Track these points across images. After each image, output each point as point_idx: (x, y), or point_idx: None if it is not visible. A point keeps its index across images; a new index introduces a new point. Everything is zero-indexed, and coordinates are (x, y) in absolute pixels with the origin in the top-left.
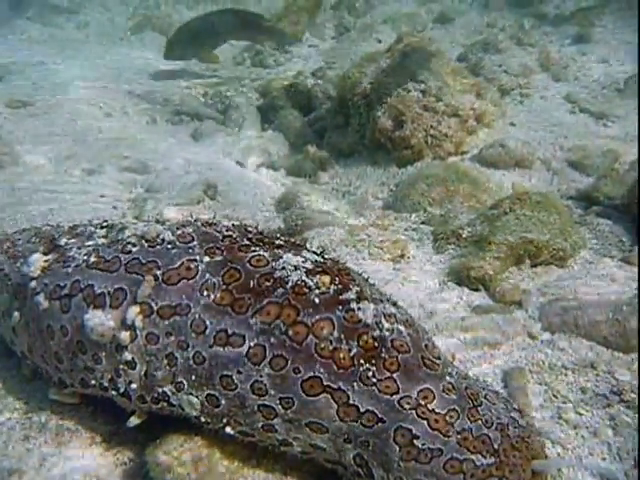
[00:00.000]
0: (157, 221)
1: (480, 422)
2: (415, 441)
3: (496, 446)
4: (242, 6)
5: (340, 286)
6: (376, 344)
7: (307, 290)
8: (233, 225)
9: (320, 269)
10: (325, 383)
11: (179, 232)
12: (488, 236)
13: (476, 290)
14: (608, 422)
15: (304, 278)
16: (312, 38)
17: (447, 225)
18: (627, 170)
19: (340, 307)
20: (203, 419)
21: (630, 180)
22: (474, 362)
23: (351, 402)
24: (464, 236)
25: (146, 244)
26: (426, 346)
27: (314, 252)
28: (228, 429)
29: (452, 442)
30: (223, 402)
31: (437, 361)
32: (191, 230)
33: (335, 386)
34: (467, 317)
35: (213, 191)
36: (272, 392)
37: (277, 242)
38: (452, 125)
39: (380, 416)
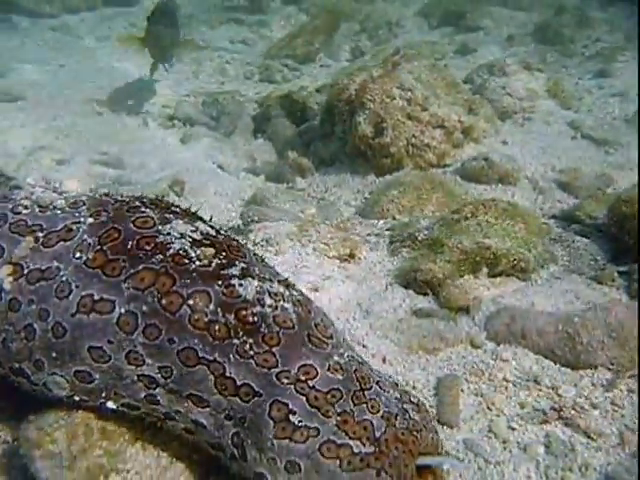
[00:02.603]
0: (54, 190)
1: (365, 406)
2: (291, 417)
3: (378, 434)
4: (267, 26)
5: (225, 261)
6: (255, 319)
7: (187, 260)
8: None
9: (208, 242)
10: (200, 355)
11: (72, 200)
12: (442, 239)
13: (424, 294)
14: (542, 439)
15: (187, 248)
16: (325, 59)
17: (406, 228)
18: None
19: (220, 282)
20: (77, 398)
21: (612, 198)
22: (406, 366)
23: (227, 374)
24: (420, 239)
25: (37, 209)
26: (316, 325)
27: (211, 225)
28: (110, 403)
29: (331, 423)
30: (97, 376)
31: (327, 340)
32: (85, 198)
33: (210, 358)
34: (405, 319)
35: (180, 188)
36: (150, 361)
37: (173, 208)
38: (436, 136)
39: (257, 390)
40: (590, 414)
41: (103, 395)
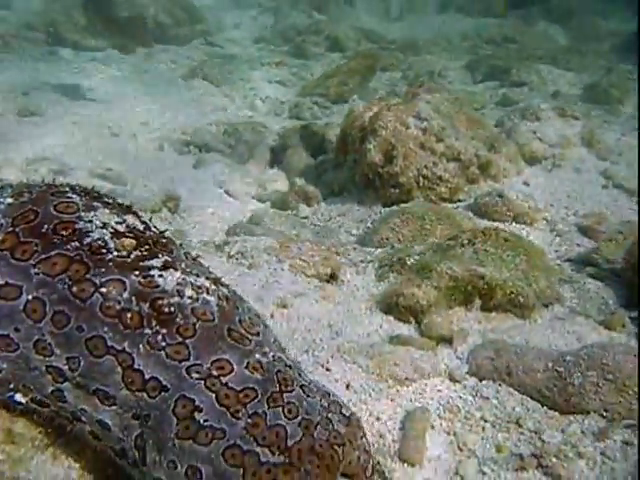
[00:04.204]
0: None
1: (280, 410)
2: (196, 414)
3: (290, 443)
4: (308, 70)
5: (146, 253)
6: (172, 309)
7: (105, 250)
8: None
9: (131, 235)
10: (109, 344)
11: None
12: (431, 264)
13: (405, 322)
14: None
15: (107, 238)
16: (359, 100)
17: (397, 254)
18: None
19: (137, 272)
20: None
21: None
22: (372, 395)
23: (136, 366)
24: (409, 264)
25: None
26: (240, 321)
27: (143, 221)
28: (18, 396)
29: (239, 425)
30: (4, 366)
31: (250, 337)
32: (17, 183)
33: (119, 347)
34: (378, 345)
35: (174, 204)
36: (58, 352)
37: (106, 199)
38: (450, 169)
39: (164, 384)
40: (575, 464)
41: (11, 386)
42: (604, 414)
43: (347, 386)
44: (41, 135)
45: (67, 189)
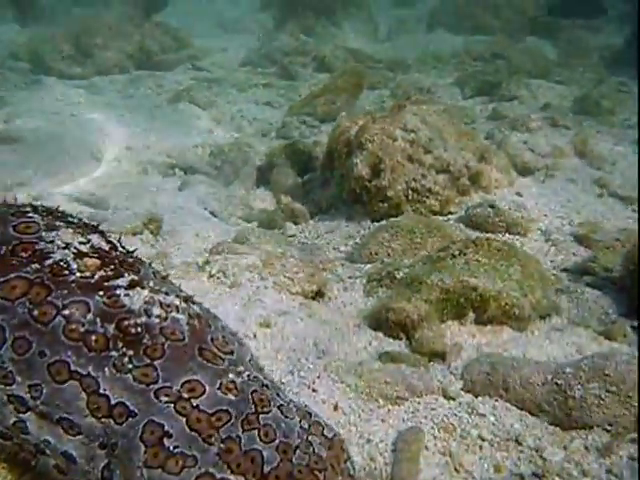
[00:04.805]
0: None
1: (256, 433)
2: (166, 440)
3: (267, 469)
4: (296, 91)
5: (111, 273)
6: (139, 329)
7: (67, 272)
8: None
9: (96, 255)
10: (73, 368)
11: None
12: (421, 276)
13: (395, 338)
14: None
15: (69, 259)
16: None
17: (386, 267)
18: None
19: (102, 292)
20: None
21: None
22: (361, 415)
23: (101, 391)
24: (398, 278)
25: None
26: (213, 339)
27: (109, 241)
28: None
29: (212, 452)
30: None
31: (223, 355)
32: None
33: (84, 372)
34: (366, 362)
35: (156, 226)
36: (19, 379)
37: (70, 219)
38: (439, 181)
39: (132, 409)
40: None
41: None
42: (608, 428)
43: (335, 407)
44: (19, 162)
45: (28, 209)
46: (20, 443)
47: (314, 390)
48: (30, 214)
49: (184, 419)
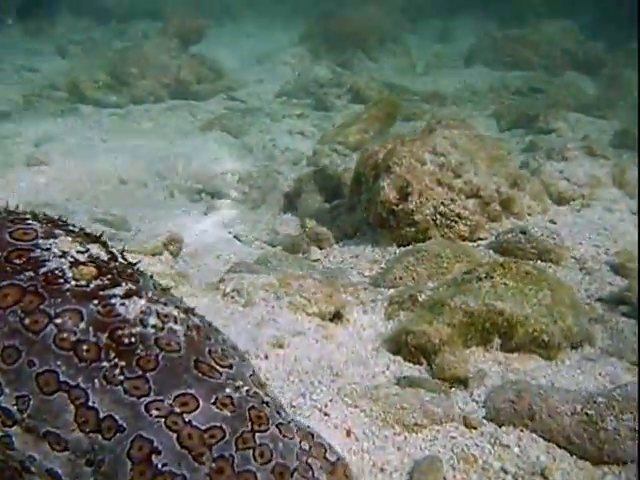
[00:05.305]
0: None
1: (250, 453)
2: (154, 457)
3: None
4: (330, 121)
5: (107, 282)
6: (133, 339)
7: (62, 280)
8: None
9: (93, 265)
10: (61, 379)
11: None
12: (444, 299)
13: (416, 363)
14: None
15: (65, 267)
16: None
17: (409, 290)
18: None
19: (96, 301)
20: None
21: None
22: (376, 443)
23: (90, 404)
24: (420, 300)
25: None
26: (211, 352)
27: (110, 252)
28: None
29: (202, 471)
30: None
31: (220, 369)
32: None
33: (73, 383)
34: (383, 387)
35: (177, 247)
36: (7, 390)
37: (71, 227)
38: (469, 206)
39: (120, 423)
40: None
41: None
42: None
43: (347, 433)
44: (45, 183)
45: (28, 216)
46: (5, 460)
47: (326, 414)
48: (29, 221)
49: (175, 435)
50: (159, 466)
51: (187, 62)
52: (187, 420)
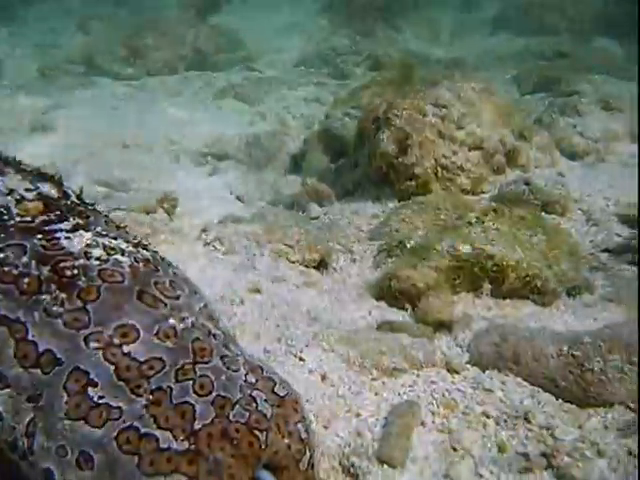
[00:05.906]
0: None
1: (190, 384)
2: (90, 390)
3: (198, 426)
4: (347, 89)
5: (53, 217)
6: (75, 272)
7: (7, 217)
8: None
9: (41, 202)
10: (2, 313)
11: None
12: (433, 243)
13: (400, 308)
14: None
15: (10, 205)
16: None
17: (399, 237)
18: None
19: (40, 235)
20: None
21: None
22: (352, 388)
23: (30, 338)
24: (408, 247)
25: None
26: (157, 283)
27: (65, 192)
28: None
29: (139, 404)
30: None
31: (166, 300)
32: None
33: (13, 317)
34: (362, 331)
35: (171, 205)
36: None
37: (24, 167)
38: (471, 158)
39: (59, 356)
40: (593, 463)
41: None
42: (631, 406)
43: (323, 377)
44: (50, 147)
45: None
46: None
47: (301, 359)
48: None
49: (112, 367)
50: (95, 398)
51: (206, 32)
52: (126, 351)
